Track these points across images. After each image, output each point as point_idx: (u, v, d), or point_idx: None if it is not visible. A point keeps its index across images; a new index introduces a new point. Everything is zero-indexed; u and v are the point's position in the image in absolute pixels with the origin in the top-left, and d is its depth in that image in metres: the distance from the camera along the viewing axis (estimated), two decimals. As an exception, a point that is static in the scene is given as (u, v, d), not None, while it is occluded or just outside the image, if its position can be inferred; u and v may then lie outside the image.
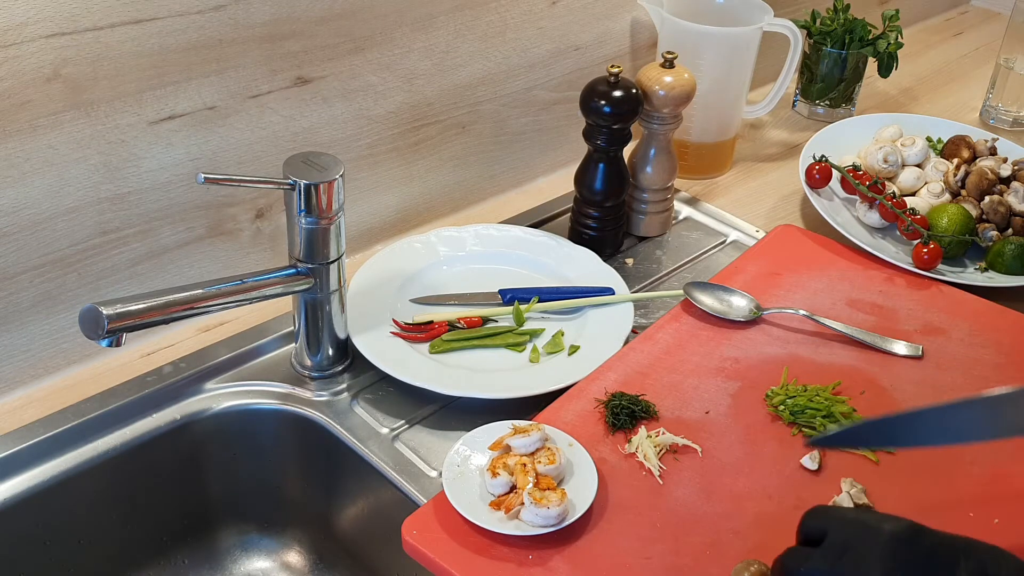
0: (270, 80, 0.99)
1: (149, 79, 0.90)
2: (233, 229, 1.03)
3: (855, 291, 1.10)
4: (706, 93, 1.26)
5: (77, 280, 0.94)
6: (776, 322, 1.04)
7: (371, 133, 1.10)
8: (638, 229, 1.21)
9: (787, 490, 0.84)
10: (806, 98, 1.53)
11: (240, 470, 0.99)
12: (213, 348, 1.00)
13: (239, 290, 0.87)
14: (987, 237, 1.17)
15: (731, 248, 1.22)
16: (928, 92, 1.64)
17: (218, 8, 0.92)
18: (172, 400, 0.96)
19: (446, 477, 0.82)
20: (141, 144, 0.92)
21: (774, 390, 0.94)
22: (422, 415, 0.95)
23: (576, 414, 0.91)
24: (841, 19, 1.46)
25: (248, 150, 1.00)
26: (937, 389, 0.97)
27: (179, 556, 1.01)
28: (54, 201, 0.89)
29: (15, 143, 0.85)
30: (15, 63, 0.82)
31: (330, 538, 1.02)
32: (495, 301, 1.07)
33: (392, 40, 1.07)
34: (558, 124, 1.31)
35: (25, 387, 0.95)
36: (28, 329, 0.93)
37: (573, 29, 1.26)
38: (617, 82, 1.08)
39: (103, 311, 0.76)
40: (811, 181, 1.24)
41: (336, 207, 0.89)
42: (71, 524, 0.92)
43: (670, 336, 1.01)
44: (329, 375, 0.99)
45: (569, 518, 0.78)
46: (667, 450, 0.88)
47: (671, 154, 1.18)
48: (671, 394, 0.94)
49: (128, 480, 0.94)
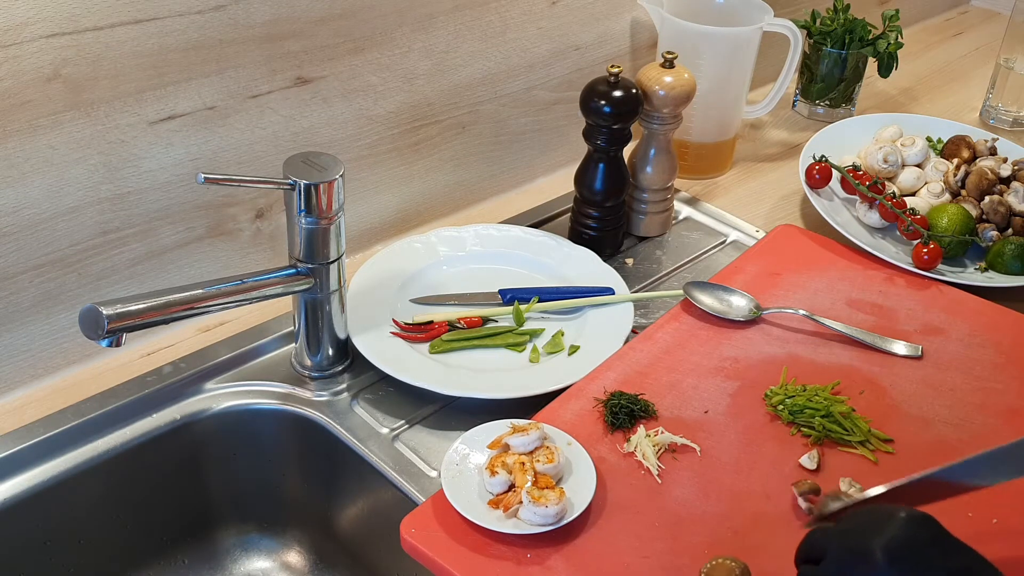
0: (270, 80, 0.99)
1: (149, 79, 0.91)
2: (233, 229, 1.04)
3: (855, 291, 1.10)
4: (706, 93, 1.26)
5: (77, 280, 0.94)
6: (776, 322, 1.04)
7: (371, 133, 1.11)
8: (638, 229, 1.21)
9: (786, 490, 0.84)
10: (806, 98, 1.53)
11: (240, 470, 1.00)
12: (213, 348, 1.00)
13: (239, 290, 0.87)
14: (987, 237, 1.17)
15: (731, 248, 1.22)
16: (928, 92, 1.64)
17: (218, 8, 0.92)
18: (172, 400, 0.96)
19: (445, 476, 0.82)
20: (141, 144, 0.93)
21: (773, 390, 0.94)
22: (422, 415, 0.95)
23: (575, 413, 0.91)
24: (841, 19, 1.46)
25: (248, 150, 1.01)
26: (937, 389, 0.97)
27: (179, 556, 1.01)
28: (54, 201, 0.89)
29: (15, 143, 0.85)
30: (15, 63, 0.82)
31: (330, 538, 1.02)
32: (495, 301, 1.07)
33: (392, 40, 1.07)
34: (558, 124, 1.31)
35: (25, 387, 0.95)
36: (28, 329, 0.93)
37: (573, 29, 1.26)
38: (617, 82, 1.08)
39: (103, 311, 0.76)
40: (811, 181, 1.24)
41: (336, 207, 0.89)
42: (71, 524, 0.92)
43: (670, 336, 1.02)
44: (329, 375, 0.99)
45: (567, 517, 0.78)
46: (666, 449, 0.88)
47: (671, 154, 1.18)
48: (670, 393, 0.94)
49: (128, 480, 0.94)
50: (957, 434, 0.91)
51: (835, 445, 0.89)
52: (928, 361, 1.00)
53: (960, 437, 0.91)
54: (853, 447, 0.89)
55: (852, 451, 0.89)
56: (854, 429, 0.90)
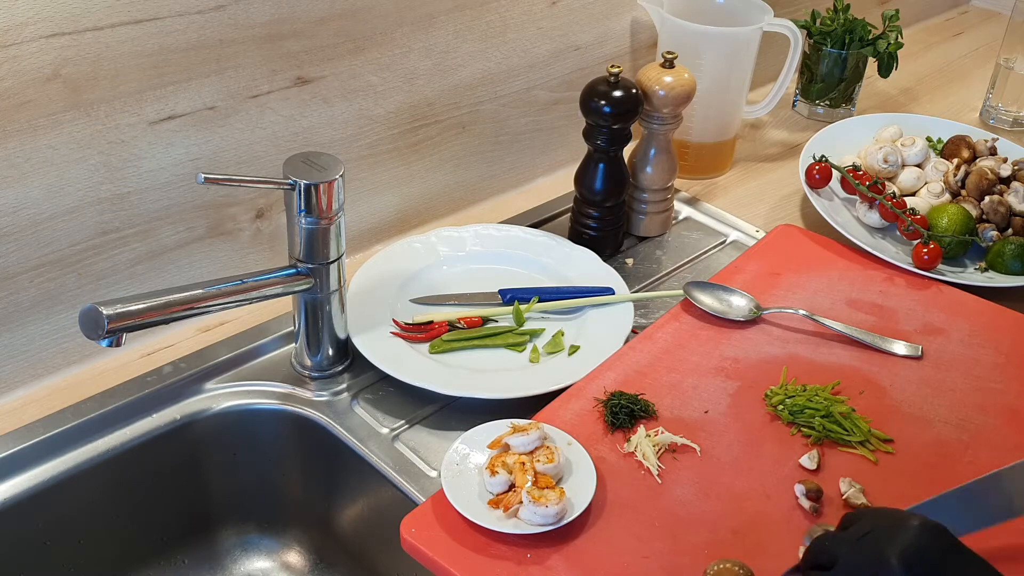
0: (270, 80, 0.99)
1: (149, 79, 0.91)
2: (233, 229, 1.04)
3: (855, 291, 1.10)
4: (706, 93, 1.26)
5: (77, 280, 0.94)
6: (776, 322, 1.04)
7: (371, 133, 1.11)
8: (638, 229, 1.21)
9: (786, 489, 0.84)
10: (806, 98, 1.53)
11: (240, 470, 1.00)
12: (213, 348, 1.00)
13: (239, 290, 0.87)
14: (987, 237, 1.17)
15: (731, 248, 1.22)
16: (928, 92, 1.64)
17: (218, 8, 0.92)
18: (172, 400, 0.96)
19: (445, 476, 0.82)
20: (141, 144, 0.93)
21: (773, 390, 0.94)
22: (422, 415, 0.95)
23: (575, 413, 0.91)
24: (841, 19, 1.46)
25: (248, 150, 1.01)
26: (936, 389, 0.97)
27: (179, 556, 1.01)
28: (54, 201, 0.89)
29: (15, 143, 0.85)
30: (15, 63, 0.82)
31: (330, 538, 1.02)
32: (495, 301, 1.07)
33: (392, 40, 1.07)
34: (558, 124, 1.31)
35: (25, 387, 0.95)
36: (28, 329, 0.93)
37: (573, 29, 1.26)
38: (617, 82, 1.08)
39: (103, 311, 0.76)
40: (811, 181, 1.24)
41: (336, 207, 0.89)
42: (71, 524, 0.92)
43: (670, 336, 1.02)
44: (329, 375, 0.99)
45: (567, 517, 0.78)
46: (666, 449, 0.88)
47: (671, 154, 1.18)
48: (670, 393, 0.94)
49: (128, 480, 0.94)
50: (957, 434, 0.91)
51: (835, 445, 0.89)
52: (928, 361, 1.00)
53: (960, 437, 0.91)
54: (853, 447, 0.89)
55: (852, 451, 0.89)
56: (854, 429, 0.90)
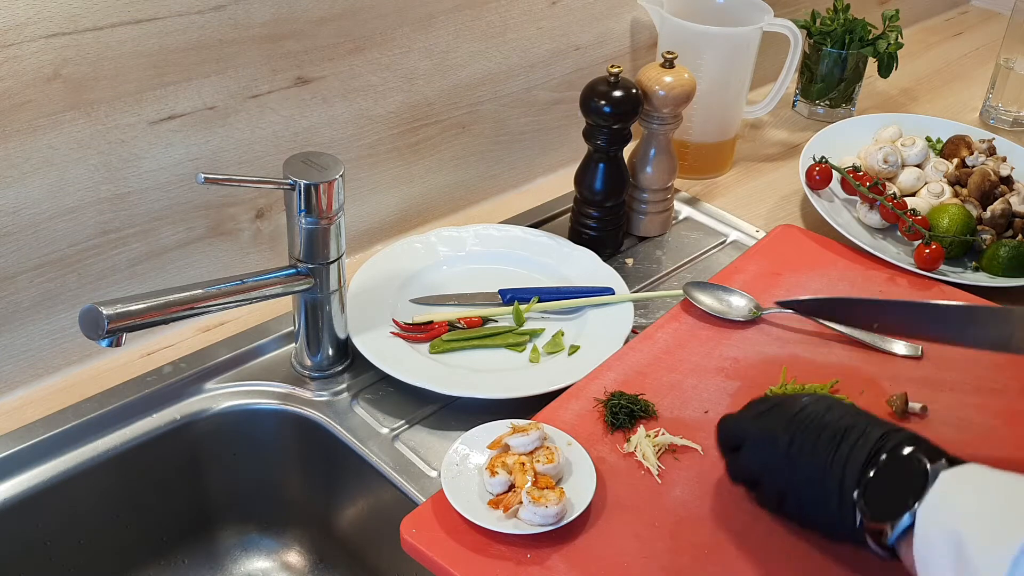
0: (270, 80, 0.99)
1: (149, 79, 0.91)
2: (233, 229, 1.04)
3: (855, 291, 1.10)
4: (706, 93, 1.26)
5: (77, 280, 0.94)
6: (775, 322, 1.04)
7: (371, 133, 1.11)
8: (638, 229, 1.21)
9: (786, 490, 0.84)
10: (806, 98, 1.53)
11: (240, 470, 1.00)
12: (213, 348, 1.00)
13: (239, 290, 0.87)
14: (981, 239, 1.17)
15: (731, 248, 1.22)
16: (928, 92, 1.64)
17: (218, 8, 0.92)
18: (172, 400, 0.96)
19: (445, 476, 0.82)
20: (141, 144, 0.93)
21: (773, 390, 0.94)
22: (422, 415, 0.95)
23: (575, 413, 0.91)
24: (841, 19, 1.46)
25: (248, 150, 1.01)
26: (936, 389, 0.96)
27: (179, 556, 1.01)
28: (54, 201, 0.89)
29: (15, 143, 0.85)
30: (15, 63, 0.82)
31: (330, 538, 1.02)
32: (495, 301, 1.07)
33: (392, 40, 1.07)
34: (558, 124, 1.31)
35: (25, 387, 0.95)
36: (28, 329, 0.93)
37: (573, 29, 1.26)
38: (617, 82, 1.08)
39: (103, 311, 0.76)
40: (811, 182, 1.24)
41: (336, 207, 0.89)
42: (71, 524, 0.92)
43: (670, 336, 1.01)
44: (329, 375, 0.99)
45: (567, 517, 0.78)
46: (666, 449, 0.88)
47: (671, 154, 1.18)
48: (670, 394, 0.94)
49: (128, 480, 0.94)
50: (957, 434, 0.91)
51: (835, 445, 0.89)
52: (928, 361, 1.00)
53: (960, 437, 0.91)
54: (853, 447, 0.89)
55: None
56: (854, 429, 0.90)
